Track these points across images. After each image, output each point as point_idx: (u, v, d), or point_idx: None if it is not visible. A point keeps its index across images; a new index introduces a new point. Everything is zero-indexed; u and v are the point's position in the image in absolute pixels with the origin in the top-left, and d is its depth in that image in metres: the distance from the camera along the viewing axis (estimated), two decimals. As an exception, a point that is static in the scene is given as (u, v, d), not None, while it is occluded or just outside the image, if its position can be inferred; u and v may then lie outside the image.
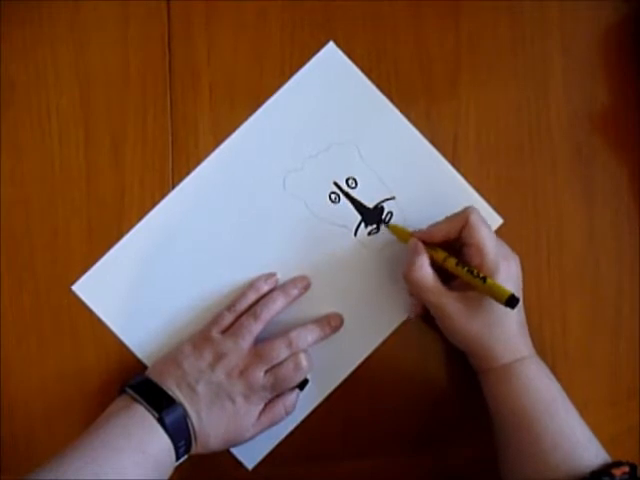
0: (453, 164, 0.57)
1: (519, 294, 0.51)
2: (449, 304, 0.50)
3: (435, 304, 0.51)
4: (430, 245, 0.52)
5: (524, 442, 0.49)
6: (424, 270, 0.51)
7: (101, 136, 0.56)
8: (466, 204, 0.52)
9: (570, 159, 0.58)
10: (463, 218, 0.51)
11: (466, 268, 0.50)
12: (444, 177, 0.57)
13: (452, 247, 0.52)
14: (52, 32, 0.56)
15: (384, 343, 0.57)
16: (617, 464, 0.47)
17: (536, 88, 0.58)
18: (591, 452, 0.48)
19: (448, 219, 0.52)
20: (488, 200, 0.57)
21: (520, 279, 0.52)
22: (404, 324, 0.57)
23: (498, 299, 0.48)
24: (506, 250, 0.52)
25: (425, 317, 0.55)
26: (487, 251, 0.50)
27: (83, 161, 0.56)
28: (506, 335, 0.51)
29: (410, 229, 0.55)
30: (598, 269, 0.58)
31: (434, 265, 0.51)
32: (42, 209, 0.56)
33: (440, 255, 0.51)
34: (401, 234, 0.55)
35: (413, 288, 0.52)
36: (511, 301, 0.47)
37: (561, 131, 0.58)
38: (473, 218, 0.50)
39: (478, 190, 0.57)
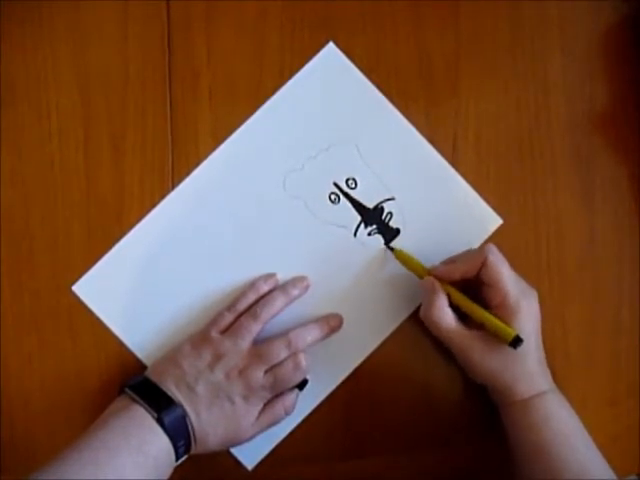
0: (453, 164, 0.57)
1: (538, 332, 0.52)
2: (469, 344, 0.51)
3: (455, 344, 0.51)
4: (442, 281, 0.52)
5: (547, 477, 0.49)
6: (444, 312, 0.51)
7: (101, 136, 0.56)
8: (465, 204, 0.52)
9: (570, 159, 0.58)
10: (480, 258, 0.50)
11: (472, 303, 0.51)
12: (444, 177, 0.57)
13: (469, 284, 0.52)
14: (52, 32, 0.55)
15: (384, 343, 0.57)
16: None
17: (536, 88, 0.58)
18: None
19: (466, 258, 0.52)
20: (488, 200, 0.57)
21: (539, 315, 0.52)
22: (404, 324, 0.57)
23: (503, 339, 0.49)
24: (524, 286, 0.52)
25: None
26: (508, 292, 0.50)
27: (83, 161, 0.56)
28: (526, 372, 0.51)
29: (418, 258, 0.55)
30: (598, 269, 0.58)
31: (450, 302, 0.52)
32: (42, 209, 0.56)
33: (448, 289, 0.52)
34: (411, 264, 0.55)
35: (433, 328, 0.52)
36: (515, 342, 0.48)
37: (561, 131, 0.58)
38: (491, 258, 0.50)
39: (478, 190, 0.57)
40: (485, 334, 0.50)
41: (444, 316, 0.51)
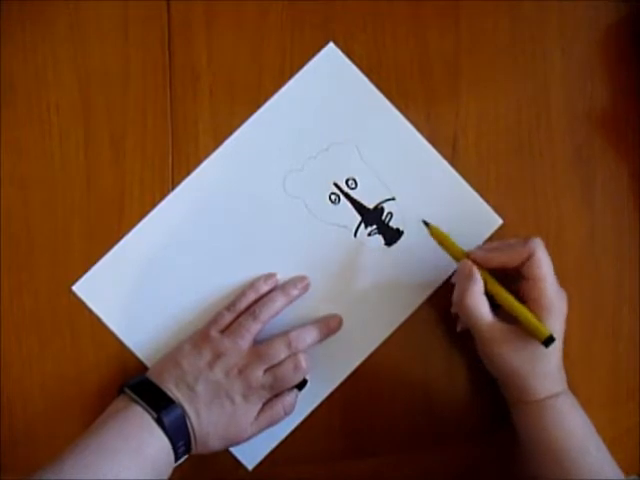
0: (453, 164, 0.57)
1: (563, 332, 0.51)
2: (499, 336, 0.50)
3: (484, 333, 0.50)
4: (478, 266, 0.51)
5: (556, 477, 0.49)
6: (479, 300, 0.50)
7: (101, 136, 0.56)
8: (466, 204, 0.52)
9: (570, 159, 0.58)
10: (527, 252, 0.49)
11: (509, 295, 0.50)
12: (444, 177, 0.57)
13: (505, 273, 0.51)
14: (52, 32, 0.55)
15: (384, 344, 0.57)
16: None
17: (536, 88, 0.58)
18: None
19: (509, 248, 0.51)
20: (488, 200, 0.57)
21: (566, 317, 0.51)
22: (403, 325, 0.57)
23: (536, 336, 0.48)
24: (559, 287, 0.51)
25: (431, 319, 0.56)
26: (547, 290, 0.49)
27: (83, 161, 0.56)
28: (546, 371, 0.50)
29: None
30: (598, 269, 0.58)
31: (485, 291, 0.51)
32: (42, 209, 0.56)
33: (484, 276, 0.51)
34: (447, 243, 0.53)
35: (464, 314, 0.51)
36: (548, 341, 0.48)
37: (561, 131, 0.58)
38: (539, 254, 0.49)
39: (478, 190, 0.57)
40: (516, 329, 0.50)
41: (479, 304, 0.50)
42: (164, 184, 0.56)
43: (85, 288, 0.56)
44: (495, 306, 0.51)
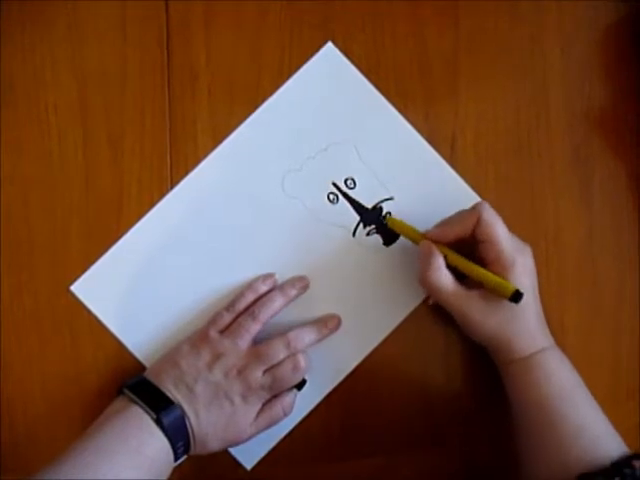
0: (451, 164, 0.57)
1: (535, 286, 0.51)
2: (468, 304, 0.50)
3: (454, 305, 0.51)
4: (437, 243, 0.52)
5: (546, 432, 0.49)
6: (441, 273, 0.50)
7: (100, 136, 0.56)
8: (464, 204, 0.52)
9: (569, 159, 0.58)
10: (474, 216, 0.50)
11: (469, 262, 0.50)
12: (442, 177, 0.57)
13: (465, 242, 0.52)
14: (51, 32, 0.55)
15: (382, 343, 0.57)
16: (638, 456, 0.47)
17: (535, 88, 0.58)
18: (612, 444, 0.48)
19: (459, 218, 0.52)
20: (486, 200, 0.57)
21: (534, 270, 0.52)
22: (402, 325, 0.57)
23: (503, 294, 0.48)
24: (519, 243, 0.51)
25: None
26: (502, 247, 0.49)
27: (82, 161, 0.56)
28: (525, 328, 0.51)
29: (414, 226, 0.54)
30: (597, 269, 0.58)
31: (447, 264, 0.51)
32: (41, 209, 0.56)
33: (444, 251, 0.51)
34: (405, 230, 0.54)
35: (430, 291, 0.52)
36: (515, 297, 0.48)
37: (560, 131, 0.58)
38: (485, 215, 0.50)
39: (476, 190, 0.57)
40: (483, 293, 0.50)
41: (442, 277, 0.50)
42: (162, 184, 0.56)
43: (83, 288, 0.56)
44: (462, 278, 0.51)
